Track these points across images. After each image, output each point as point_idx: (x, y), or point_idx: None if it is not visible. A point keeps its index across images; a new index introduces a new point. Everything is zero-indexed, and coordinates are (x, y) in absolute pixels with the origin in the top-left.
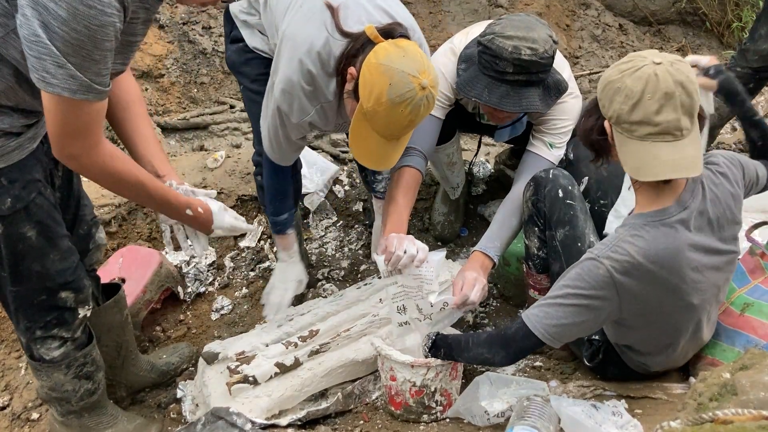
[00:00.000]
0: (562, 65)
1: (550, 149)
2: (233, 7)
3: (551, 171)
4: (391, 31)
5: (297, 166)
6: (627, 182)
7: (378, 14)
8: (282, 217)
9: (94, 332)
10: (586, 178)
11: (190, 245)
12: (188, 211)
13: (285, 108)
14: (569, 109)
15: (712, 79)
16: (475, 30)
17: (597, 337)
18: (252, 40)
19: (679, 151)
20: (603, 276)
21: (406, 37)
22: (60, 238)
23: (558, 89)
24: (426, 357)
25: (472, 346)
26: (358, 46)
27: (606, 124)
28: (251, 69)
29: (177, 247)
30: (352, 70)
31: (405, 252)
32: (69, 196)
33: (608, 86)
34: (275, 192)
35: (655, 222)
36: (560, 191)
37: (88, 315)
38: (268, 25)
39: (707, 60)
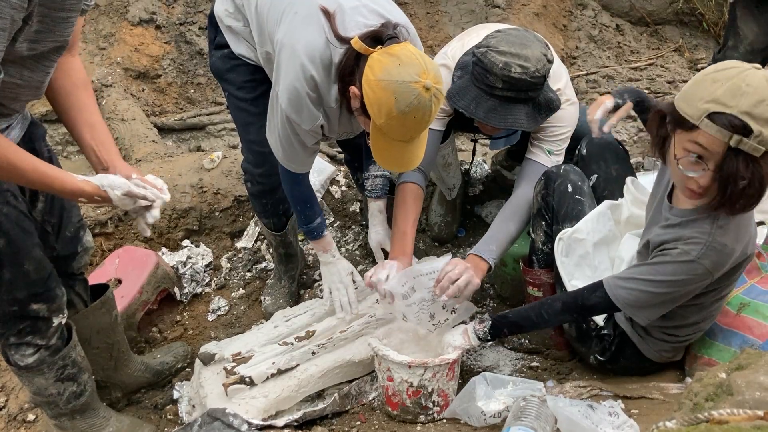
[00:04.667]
0: (558, 74)
1: (548, 156)
2: (218, 10)
3: (562, 166)
4: (379, 36)
5: None
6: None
7: (373, 18)
8: (316, 222)
9: (83, 334)
10: (595, 176)
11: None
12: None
13: (294, 117)
14: (567, 117)
15: (623, 104)
16: (470, 38)
17: (607, 332)
18: (237, 46)
19: None
20: (702, 272)
21: (395, 37)
22: (31, 248)
23: (549, 107)
24: (480, 339)
25: (549, 318)
26: (351, 62)
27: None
28: (237, 76)
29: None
30: (353, 89)
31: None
32: (53, 200)
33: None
34: (302, 201)
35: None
36: (570, 186)
37: (63, 322)
38: (257, 32)
39: (607, 99)
